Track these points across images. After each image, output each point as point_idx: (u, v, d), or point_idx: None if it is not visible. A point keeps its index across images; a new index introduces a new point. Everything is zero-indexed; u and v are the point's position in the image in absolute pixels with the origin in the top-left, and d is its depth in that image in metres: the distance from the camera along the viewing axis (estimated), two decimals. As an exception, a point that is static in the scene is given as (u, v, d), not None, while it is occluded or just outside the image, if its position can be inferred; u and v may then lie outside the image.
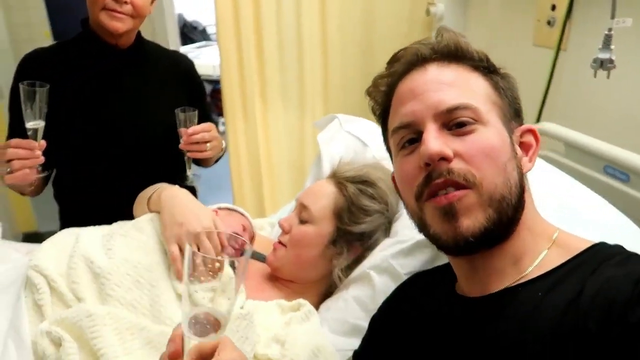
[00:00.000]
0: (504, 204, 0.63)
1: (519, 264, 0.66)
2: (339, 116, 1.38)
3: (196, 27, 5.27)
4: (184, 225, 0.98)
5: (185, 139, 1.28)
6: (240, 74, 2.11)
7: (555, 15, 1.61)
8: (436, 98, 0.67)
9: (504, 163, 0.65)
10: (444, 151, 0.63)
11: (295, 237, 1.06)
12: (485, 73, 0.71)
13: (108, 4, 1.23)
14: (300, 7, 2.04)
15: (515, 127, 0.71)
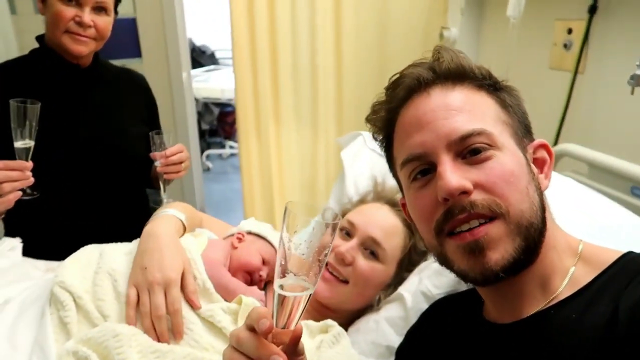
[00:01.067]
0: (532, 230, 0.61)
1: (548, 285, 0.64)
2: (363, 133, 1.38)
3: (205, 51, 5.35)
4: (147, 270, 0.88)
5: (163, 162, 1.27)
6: (254, 95, 2.12)
7: (571, 39, 1.62)
8: (447, 127, 0.64)
9: (525, 187, 0.63)
10: (464, 185, 0.60)
11: (364, 274, 0.98)
12: (491, 91, 0.69)
13: (71, 28, 1.22)
14: (315, 29, 2.07)
15: (527, 144, 0.69)
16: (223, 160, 5.15)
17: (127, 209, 1.39)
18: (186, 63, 2.91)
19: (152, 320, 0.85)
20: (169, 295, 0.86)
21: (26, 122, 1.05)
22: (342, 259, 0.98)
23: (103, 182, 1.33)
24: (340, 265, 0.99)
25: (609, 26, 1.49)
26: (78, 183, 1.29)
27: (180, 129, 2.66)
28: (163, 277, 0.87)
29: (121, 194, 1.38)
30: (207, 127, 5.13)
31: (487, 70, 0.70)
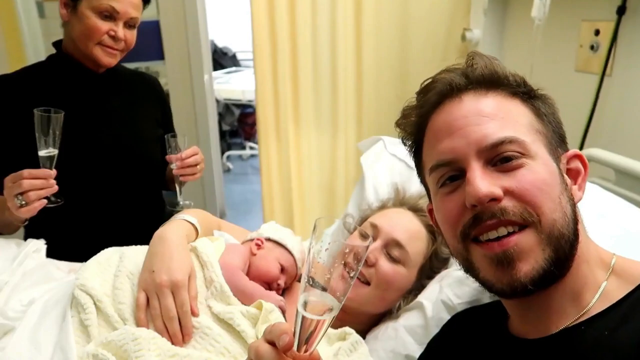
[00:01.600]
0: (562, 241, 0.59)
1: (578, 300, 0.61)
2: (383, 138, 1.36)
3: (226, 53, 5.38)
4: (154, 273, 0.88)
5: (179, 164, 1.28)
6: (274, 97, 2.13)
7: (598, 41, 1.58)
8: (478, 133, 0.62)
9: (557, 196, 0.61)
10: (494, 192, 0.59)
11: (387, 276, 0.96)
12: (525, 99, 0.67)
13: (105, 41, 1.24)
14: (336, 32, 2.07)
15: (561, 154, 0.67)
16: (243, 161, 5.18)
17: (145, 212, 1.41)
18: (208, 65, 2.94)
19: (164, 322, 0.86)
20: (177, 297, 0.87)
21: (49, 131, 1.07)
22: (366, 259, 0.97)
23: (122, 186, 1.35)
24: (364, 267, 0.98)
25: (639, 28, 1.45)
26: (98, 187, 1.31)
27: (201, 130, 2.69)
28: (170, 279, 0.87)
29: (139, 197, 1.40)
30: (228, 128, 5.16)
31: (522, 78, 0.68)
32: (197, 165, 1.32)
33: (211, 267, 0.95)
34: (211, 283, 0.93)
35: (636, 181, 1.23)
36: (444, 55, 2.18)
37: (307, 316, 0.51)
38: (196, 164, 1.32)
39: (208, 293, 0.92)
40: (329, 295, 0.51)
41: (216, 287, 0.92)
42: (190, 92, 2.64)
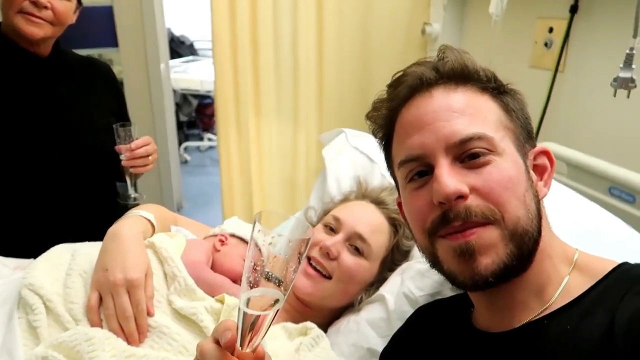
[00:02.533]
0: (526, 238, 0.60)
1: (542, 294, 0.63)
2: (346, 131, 1.36)
3: (184, 41, 5.25)
4: (108, 272, 0.84)
5: (128, 155, 1.23)
6: (234, 87, 2.09)
7: (552, 38, 1.63)
8: (447, 129, 0.62)
9: (522, 194, 0.61)
10: (460, 189, 0.59)
11: (349, 269, 0.96)
12: (495, 94, 0.67)
13: (25, 7, 1.14)
14: (297, 23, 2.04)
15: (528, 150, 0.67)
16: (201, 152, 5.08)
17: (97, 205, 1.35)
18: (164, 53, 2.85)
19: (120, 322, 0.82)
20: (133, 296, 0.83)
21: None
22: (327, 253, 0.97)
23: (71, 178, 1.28)
24: (324, 259, 0.97)
25: (590, 26, 1.50)
26: (44, 179, 1.24)
27: (157, 121, 2.61)
28: (125, 278, 0.83)
29: (90, 189, 1.33)
30: (185, 118, 5.05)
31: (492, 73, 0.68)
32: (149, 156, 1.27)
33: (172, 263, 0.91)
34: (174, 279, 0.90)
35: (587, 174, 1.28)
36: (404, 48, 2.19)
37: (248, 312, 0.50)
38: (147, 155, 1.27)
39: (171, 289, 0.89)
40: (272, 290, 0.50)
41: (179, 282, 0.89)
42: (146, 81, 2.55)
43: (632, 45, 1.01)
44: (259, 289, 0.50)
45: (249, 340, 0.51)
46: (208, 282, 0.92)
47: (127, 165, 1.25)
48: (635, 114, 1.33)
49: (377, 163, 1.21)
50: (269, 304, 0.50)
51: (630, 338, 0.51)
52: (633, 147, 1.36)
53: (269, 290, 0.50)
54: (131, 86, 2.52)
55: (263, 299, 0.50)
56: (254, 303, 0.50)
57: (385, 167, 0.78)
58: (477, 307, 0.70)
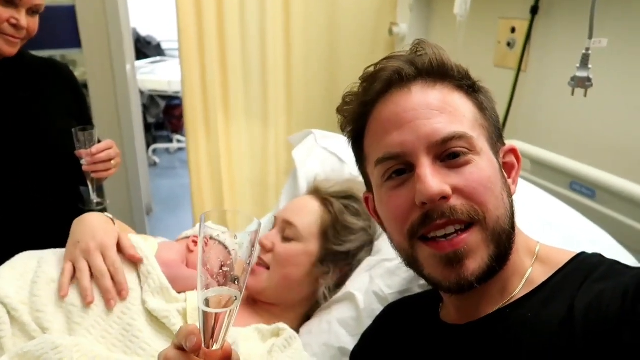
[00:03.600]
0: (504, 236, 0.62)
1: (507, 286, 0.64)
2: (314, 132, 1.36)
3: (150, 42, 5.16)
4: (80, 243, 0.88)
5: (89, 160, 1.21)
6: (202, 88, 2.07)
7: (515, 38, 1.67)
8: (428, 127, 0.61)
9: (500, 192, 0.62)
10: (445, 190, 0.59)
11: (281, 255, 1.00)
12: (470, 92, 0.67)
13: (6, 29, 1.14)
14: (265, 22, 2.04)
15: (499, 148, 0.68)
16: (170, 154, 5.01)
17: (59, 209, 1.30)
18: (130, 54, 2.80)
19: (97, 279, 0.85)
20: (107, 258, 0.86)
21: None
22: (263, 247, 1.02)
23: (31, 182, 1.25)
24: (263, 254, 1.02)
25: (550, 26, 1.55)
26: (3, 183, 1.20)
27: (124, 123, 2.56)
28: (97, 243, 0.87)
29: (51, 194, 1.30)
30: (153, 120, 4.96)
31: (466, 70, 0.67)
32: (111, 160, 1.24)
33: (146, 261, 0.91)
34: (147, 276, 0.89)
35: (550, 170, 1.32)
36: (372, 48, 2.21)
37: (208, 311, 0.50)
38: (109, 159, 1.24)
39: (145, 287, 0.88)
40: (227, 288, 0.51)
41: (153, 279, 0.88)
42: (112, 83, 2.50)
43: (587, 45, 1.05)
44: (215, 288, 0.51)
45: (213, 339, 0.51)
46: (185, 277, 0.93)
47: (88, 170, 1.22)
48: (594, 111, 1.38)
49: (347, 163, 1.22)
50: (227, 301, 0.51)
51: (588, 323, 0.53)
52: (593, 143, 1.41)
53: (224, 289, 0.51)
54: (96, 88, 2.46)
55: (221, 297, 0.51)
56: (213, 302, 0.51)
57: (355, 167, 0.78)
58: (447, 303, 0.72)
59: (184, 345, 0.49)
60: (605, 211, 1.18)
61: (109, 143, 1.25)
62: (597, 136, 1.40)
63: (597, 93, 1.15)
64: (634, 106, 1.27)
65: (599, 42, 1.01)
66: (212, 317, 0.50)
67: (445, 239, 0.60)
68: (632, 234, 1.10)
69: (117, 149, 1.28)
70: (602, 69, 1.14)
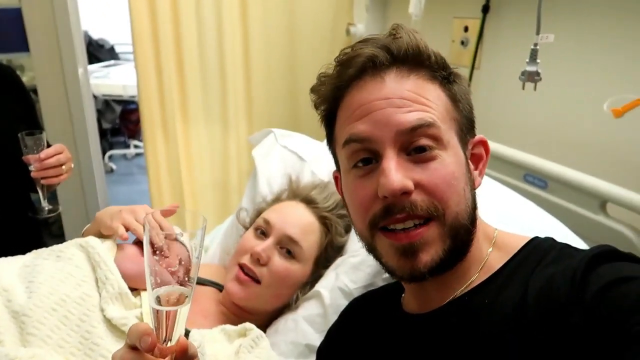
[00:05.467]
0: (462, 231, 0.63)
1: (465, 274, 0.66)
2: (274, 131, 1.36)
3: (103, 45, 5.01)
4: (122, 211, 0.96)
5: (37, 166, 1.16)
6: (159, 91, 2.03)
7: (468, 36, 1.72)
8: (398, 117, 0.61)
9: (463, 188, 0.63)
10: (406, 185, 0.60)
11: (279, 273, 0.96)
12: (444, 83, 0.66)
13: None
14: (222, 22, 2.01)
15: (469, 140, 0.68)
16: (128, 160, 4.89)
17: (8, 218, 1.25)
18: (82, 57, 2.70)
19: None
20: None
21: None
22: (258, 259, 0.96)
23: None
24: (255, 265, 0.97)
25: (501, 24, 1.60)
26: None
27: (77, 129, 2.47)
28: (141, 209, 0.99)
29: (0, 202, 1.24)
30: (109, 126, 4.83)
31: (442, 59, 0.66)
32: (62, 165, 1.19)
33: (105, 266, 0.88)
34: (105, 283, 0.87)
35: (504, 163, 1.36)
36: (330, 48, 2.23)
37: (160, 309, 0.51)
38: (60, 165, 1.19)
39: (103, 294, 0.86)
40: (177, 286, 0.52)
41: (112, 285, 0.86)
42: (63, 88, 2.41)
43: (535, 41, 1.09)
44: (165, 287, 0.52)
45: (167, 336, 0.52)
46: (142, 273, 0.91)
47: (37, 176, 1.17)
48: (544, 105, 1.44)
49: (307, 161, 1.22)
50: (177, 298, 0.52)
51: (539, 306, 0.55)
52: (544, 136, 1.46)
53: (175, 287, 0.52)
54: (46, 93, 2.38)
55: (172, 294, 0.52)
56: (164, 299, 0.51)
57: (315, 165, 0.78)
58: (408, 292, 0.73)
59: (139, 345, 0.48)
60: (557, 201, 1.22)
61: (58, 148, 1.20)
62: (548, 129, 1.45)
63: (546, 87, 1.19)
64: (581, 99, 1.33)
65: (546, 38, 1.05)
66: (164, 314, 0.51)
67: (403, 232, 0.61)
68: (583, 222, 1.15)
69: (68, 153, 1.23)
70: (550, 63, 1.18)
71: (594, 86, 1.29)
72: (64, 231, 2.39)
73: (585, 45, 1.30)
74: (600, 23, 1.26)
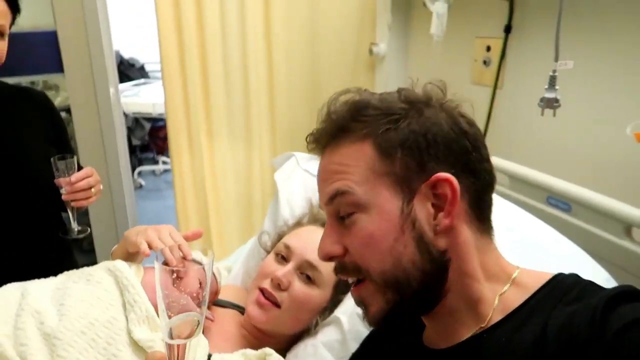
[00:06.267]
0: (403, 284, 0.64)
1: (477, 310, 0.65)
2: (296, 154, 1.38)
3: (134, 64, 5.17)
4: (147, 229, 1.00)
5: (68, 189, 1.21)
6: (185, 110, 2.08)
7: (490, 56, 1.72)
8: (322, 191, 0.69)
9: (388, 247, 0.63)
10: (332, 251, 0.68)
11: (299, 298, 0.97)
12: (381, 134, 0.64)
13: None
14: (247, 43, 2.06)
15: (418, 185, 0.63)
16: (156, 176, 5.00)
17: (41, 238, 1.30)
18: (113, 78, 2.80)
19: None
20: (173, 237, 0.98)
21: None
22: (279, 284, 0.98)
23: (10, 212, 1.23)
24: (275, 290, 0.98)
25: (523, 44, 1.60)
26: None
27: (108, 146, 2.55)
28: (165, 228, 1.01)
29: (32, 223, 1.28)
30: (139, 142, 4.96)
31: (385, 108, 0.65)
32: (91, 188, 1.24)
33: (133, 289, 0.92)
34: (133, 305, 0.90)
35: (527, 185, 1.35)
36: (353, 67, 2.25)
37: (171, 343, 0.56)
38: (89, 187, 1.23)
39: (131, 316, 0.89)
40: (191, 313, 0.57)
41: (140, 308, 0.89)
42: (95, 107, 2.49)
43: (554, 67, 1.09)
44: (177, 316, 0.56)
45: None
46: None
47: (67, 199, 1.22)
48: (567, 127, 1.43)
49: (329, 185, 1.23)
50: (191, 328, 0.56)
51: (560, 344, 0.55)
52: (567, 158, 1.45)
53: (188, 314, 0.56)
54: (79, 112, 2.46)
55: (184, 324, 0.56)
56: (177, 331, 0.55)
57: None
58: (427, 325, 0.73)
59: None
60: (581, 225, 1.21)
61: (88, 171, 1.24)
62: (571, 151, 1.44)
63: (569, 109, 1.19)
64: (605, 122, 1.31)
65: (565, 64, 1.05)
66: (174, 348, 0.55)
67: (353, 286, 0.70)
68: (608, 246, 1.14)
69: (97, 176, 1.27)
70: (572, 85, 1.18)
71: (617, 109, 1.28)
72: (94, 246, 2.46)
73: (607, 68, 1.29)
74: (622, 47, 1.25)
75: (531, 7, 1.56)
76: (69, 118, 2.60)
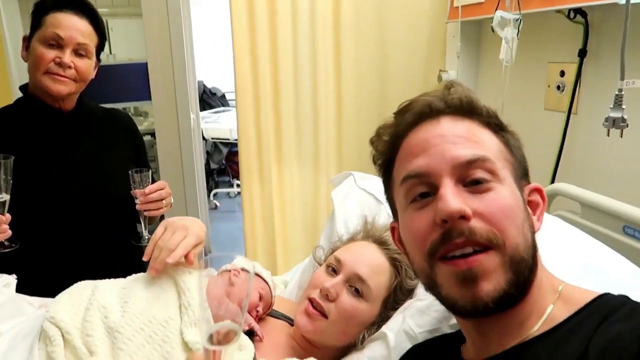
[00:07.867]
0: (523, 266, 0.61)
1: (526, 322, 0.63)
2: (353, 173, 1.40)
3: (215, 93, 5.49)
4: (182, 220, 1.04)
5: (142, 200, 1.30)
6: (257, 136, 2.17)
7: (564, 81, 1.66)
8: (454, 151, 0.64)
9: (521, 223, 0.63)
10: (464, 209, 0.60)
11: (346, 311, 0.97)
12: (496, 130, 0.69)
13: (51, 68, 1.25)
14: (317, 71, 2.13)
15: (524, 185, 0.69)
16: (231, 199, 5.20)
17: (117, 245, 1.41)
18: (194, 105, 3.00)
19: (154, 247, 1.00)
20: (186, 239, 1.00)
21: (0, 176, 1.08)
22: (327, 294, 0.99)
23: (92, 223, 1.36)
24: (324, 301, 0.99)
25: (599, 68, 1.53)
26: (68, 226, 1.32)
27: (186, 169, 2.72)
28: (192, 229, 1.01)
29: (110, 232, 1.40)
30: (216, 166, 5.21)
31: (494, 111, 0.71)
32: (163, 200, 1.34)
33: (189, 293, 0.96)
34: (187, 308, 0.94)
35: (599, 213, 1.27)
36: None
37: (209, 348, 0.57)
38: (161, 199, 1.33)
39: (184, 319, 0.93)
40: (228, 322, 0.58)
41: (194, 311, 0.93)
42: (177, 131, 2.68)
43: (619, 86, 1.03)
44: (217, 324, 0.57)
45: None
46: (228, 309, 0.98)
47: (141, 208, 1.32)
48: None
49: (384, 203, 1.23)
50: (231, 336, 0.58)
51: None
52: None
53: (225, 323, 0.58)
54: (162, 136, 2.66)
55: (224, 331, 0.57)
56: (217, 336, 0.57)
57: None
58: (467, 336, 0.71)
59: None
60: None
61: (161, 184, 1.34)
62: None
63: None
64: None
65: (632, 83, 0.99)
66: (211, 353, 0.57)
67: (461, 258, 0.61)
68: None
69: (169, 189, 1.37)
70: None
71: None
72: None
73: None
74: None
75: (606, 30, 1.49)
76: (153, 141, 2.81)
